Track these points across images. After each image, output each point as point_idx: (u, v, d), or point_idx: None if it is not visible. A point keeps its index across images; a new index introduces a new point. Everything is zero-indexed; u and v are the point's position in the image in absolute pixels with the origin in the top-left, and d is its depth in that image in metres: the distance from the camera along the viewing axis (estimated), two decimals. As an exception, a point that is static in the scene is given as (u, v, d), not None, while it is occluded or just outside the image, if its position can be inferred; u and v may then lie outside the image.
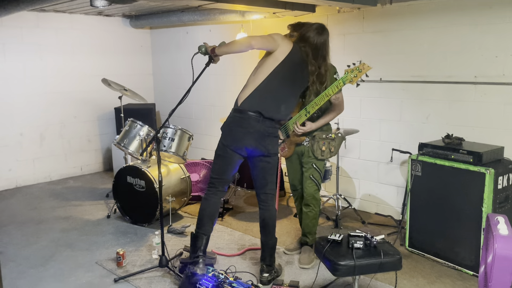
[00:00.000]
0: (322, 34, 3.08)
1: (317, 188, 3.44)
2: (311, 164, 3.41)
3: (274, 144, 3.08)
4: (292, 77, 3.05)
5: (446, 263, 3.42)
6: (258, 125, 2.98)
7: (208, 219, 3.14)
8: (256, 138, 2.99)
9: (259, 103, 2.99)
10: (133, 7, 5.34)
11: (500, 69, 3.62)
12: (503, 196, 3.24)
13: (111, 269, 3.40)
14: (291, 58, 3.00)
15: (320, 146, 3.36)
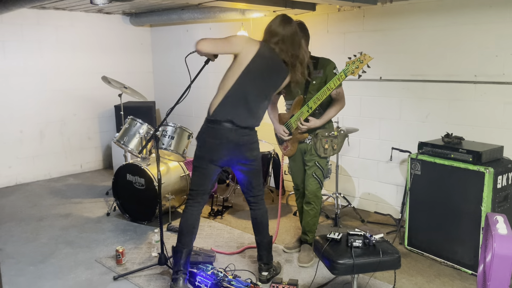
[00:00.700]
0: (288, 24, 2.91)
1: (319, 186, 3.44)
2: (314, 162, 3.41)
3: (253, 150, 2.97)
4: (264, 78, 2.89)
5: (445, 262, 3.43)
6: (232, 135, 2.85)
7: (188, 232, 2.99)
8: (230, 149, 2.88)
9: (231, 111, 2.85)
10: (133, 4, 5.33)
11: (500, 68, 3.62)
12: (502, 195, 3.24)
13: (111, 267, 3.41)
14: (260, 58, 2.83)
15: (323, 144, 3.36)
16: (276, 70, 2.92)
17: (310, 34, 4.58)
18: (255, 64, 2.82)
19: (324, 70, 3.34)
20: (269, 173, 4.73)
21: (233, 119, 2.84)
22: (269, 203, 4.91)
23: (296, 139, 3.47)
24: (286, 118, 3.50)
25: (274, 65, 2.90)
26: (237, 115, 2.85)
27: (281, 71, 2.93)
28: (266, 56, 2.86)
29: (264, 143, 4.87)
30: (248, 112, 2.88)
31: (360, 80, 4.46)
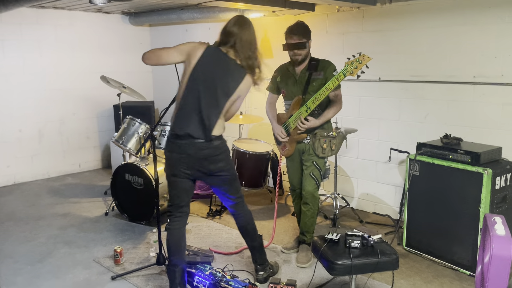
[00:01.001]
0: (244, 25, 2.78)
1: (316, 186, 3.43)
2: (312, 162, 3.41)
3: (217, 162, 2.80)
4: (212, 83, 2.72)
5: (443, 263, 3.43)
6: (190, 150, 2.73)
7: (176, 249, 2.87)
8: (191, 163, 2.76)
9: (185, 123, 2.73)
10: (132, 4, 5.33)
11: (499, 70, 3.62)
12: (501, 196, 3.25)
13: (109, 267, 3.41)
14: (204, 63, 2.71)
15: (321, 143, 3.36)
16: (228, 74, 2.74)
17: (309, 34, 4.55)
18: (200, 70, 2.70)
19: (324, 72, 3.35)
20: (267, 173, 4.73)
21: (189, 132, 2.72)
22: (267, 203, 4.91)
23: (294, 139, 3.47)
24: (285, 118, 3.50)
25: (224, 69, 2.74)
26: (191, 127, 2.72)
27: (235, 74, 2.75)
28: (213, 60, 2.73)
29: (263, 143, 4.87)
30: (201, 123, 2.72)
31: (359, 80, 4.44)
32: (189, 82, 2.72)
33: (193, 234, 4.03)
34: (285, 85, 3.50)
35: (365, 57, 3.06)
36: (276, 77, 3.57)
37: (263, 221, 4.37)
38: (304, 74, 3.40)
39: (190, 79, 2.72)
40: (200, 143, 2.73)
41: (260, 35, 2.99)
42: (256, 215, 4.53)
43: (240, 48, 2.73)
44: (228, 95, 2.76)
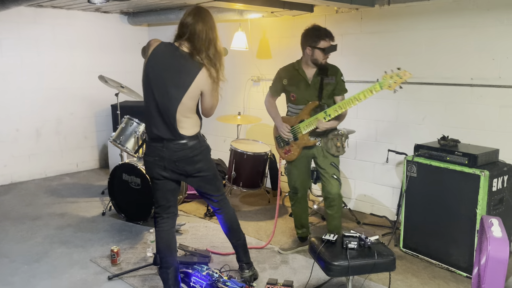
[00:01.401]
0: (198, 14, 2.61)
1: (340, 186, 3.43)
2: (330, 163, 3.40)
3: (195, 163, 2.74)
4: (165, 80, 2.59)
5: (440, 264, 3.43)
6: (164, 153, 2.67)
7: (166, 250, 2.83)
8: (166, 166, 2.71)
9: (153, 126, 2.66)
10: (131, 4, 5.32)
11: (497, 72, 3.63)
12: (498, 198, 3.25)
13: (105, 267, 3.40)
14: (153, 61, 2.61)
15: (335, 142, 3.37)
16: (179, 69, 2.59)
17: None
18: (149, 69, 2.62)
19: (335, 76, 3.35)
20: (265, 174, 4.73)
21: (159, 134, 2.65)
22: (265, 204, 4.91)
23: (301, 144, 3.42)
24: (292, 123, 3.45)
25: (174, 64, 2.59)
26: (159, 129, 2.65)
27: (188, 68, 2.59)
28: (163, 56, 2.61)
29: (261, 144, 4.87)
30: (165, 123, 2.63)
31: (357, 81, 4.47)
32: (145, 83, 2.65)
33: (190, 235, 4.03)
34: (296, 89, 3.41)
35: (407, 73, 2.99)
36: (282, 79, 3.48)
37: (261, 222, 4.37)
38: (317, 78, 3.35)
39: (144, 79, 2.65)
40: (174, 145, 2.66)
41: (257, 36, 2.96)
42: (254, 216, 4.53)
43: (193, 40, 2.57)
44: (183, 91, 2.58)
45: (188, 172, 2.76)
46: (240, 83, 5.62)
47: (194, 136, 2.72)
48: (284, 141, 3.53)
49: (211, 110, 2.80)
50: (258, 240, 3.94)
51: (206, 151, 2.84)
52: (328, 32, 3.30)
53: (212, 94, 2.68)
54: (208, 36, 2.59)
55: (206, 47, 2.58)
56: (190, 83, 2.58)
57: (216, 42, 2.63)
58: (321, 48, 3.26)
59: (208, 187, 2.89)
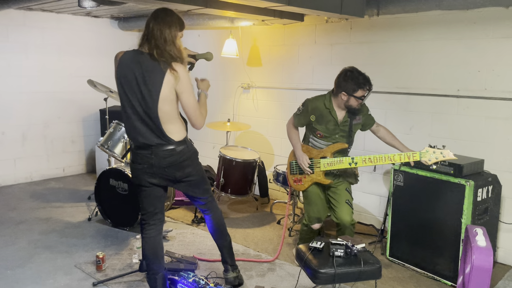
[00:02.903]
0: (157, 16, 2.62)
1: (352, 212, 3.36)
2: (345, 188, 3.34)
3: (184, 168, 2.72)
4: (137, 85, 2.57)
5: (425, 273, 3.46)
6: (152, 160, 2.65)
7: (153, 257, 2.80)
8: (155, 173, 2.69)
9: (137, 134, 2.65)
10: (121, 9, 5.32)
11: (482, 84, 3.70)
12: (482, 208, 3.30)
13: (90, 273, 3.36)
14: (123, 68, 2.61)
15: (354, 170, 3.41)
16: (146, 72, 2.55)
17: (298, 44, 4.64)
18: (121, 78, 2.61)
19: (362, 116, 3.34)
20: (254, 181, 4.73)
21: (146, 141, 2.63)
22: (253, 211, 4.91)
23: (315, 179, 3.35)
24: (313, 155, 3.36)
25: (141, 68, 2.55)
26: (146, 136, 2.63)
27: (154, 70, 2.54)
28: (130, 62, 2.59)
29: (250, 151, 4.88)
30: (152, 129, 2.62)
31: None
32: (120, 94, 2.65)
33: (177, 241, 4.00)
34: (324, 128, 3.30)
35: (451, 154, 2.95)
36: (310, 115, 3.33)
37: (248, 229, 4.36)
38: (346, 120, 3.29)
39: (119, 90, 2.64)
40: (162, 151, 2.63)
41: (249, 43, 2.96)
42: (241, 223, 4.52)
43: (151, 40, 2.57)
44: (157, 94, 2.54)
45: (177, 178, 2.74)
46: (230, 90, 5.63)
47: (182, 141, 2.70)
48: (299, 168, 3.42)
49: (195, 113, 2.67)
50: (245, 247, 3.92)
51: (194, 156, 2.83)
52: (366, 81, 3.22)
53: (186, 91, 2.60)
54: (163, 33, 2.55)
55: (163, 44, 2.54)
56: (160, 84, 2.53)
57: (174, 40, 2.58)
58: (357, 97, 3.19)
59: (196, 190, 2.88)
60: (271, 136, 5.31)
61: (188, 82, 2.60)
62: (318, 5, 3.65)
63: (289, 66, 5.02)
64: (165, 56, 2.54)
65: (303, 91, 4.86)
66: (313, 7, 3.63)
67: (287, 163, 3.57)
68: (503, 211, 3.64)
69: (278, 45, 5.09)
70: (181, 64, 2.58)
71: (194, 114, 2.68)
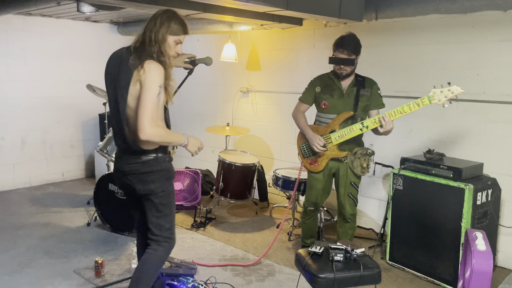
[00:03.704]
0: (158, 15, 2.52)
1: (355, 205, 3.43)
2: (350, 182, 3.37)
3: (145, 183, 2.42)
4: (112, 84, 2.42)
5: (425, 277, 3.45)
6: (119, 163, 2.49)
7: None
8: (121, 180, 2.50)
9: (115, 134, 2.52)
10: (121, 14, 5.33)
11: (481, 87, 3.70)
12: (482, 212, 3.29)
13: (89, 278, 3.35)
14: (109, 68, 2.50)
15: (361, 162, 3.28)
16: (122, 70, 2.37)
17: (297, 48, 4.66)
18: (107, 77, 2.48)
19: (371, 89, 3.33)
20: (253, 185, 4.72)
21: (117, 142, 2.49)
22: (252, 215, 4.90)
23: (330, 156, 3.34)
24: (321, 132, 3.35)
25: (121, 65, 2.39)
26: (118, 136, 2.46)
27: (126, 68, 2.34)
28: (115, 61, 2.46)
29: (249, 155, 4.87)
30: (119, 132, 2.43)
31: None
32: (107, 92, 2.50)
33: (177, 246, 3.95)
34: (329, 98, 3.33)
35: (458, 88, 2.94)
36: (315, 86, 3.42)
37: (248, 234, 4.35)
38: (352, 89, 3.31)
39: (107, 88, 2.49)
40: (128, 154, 2.43)
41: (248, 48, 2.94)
42: (241, 227, 4.51)
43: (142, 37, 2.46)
44: (125, 92, 2.33)
45: (135, 191, 2.45)
46: (229, 94, 5.63)
47: (151, 151, 2.40)
48: (311, 150, 3.41)
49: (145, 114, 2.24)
50: (245, 251, 3.91)
51: (164, 174, 2.46)
52: (343, 42, 3.21)
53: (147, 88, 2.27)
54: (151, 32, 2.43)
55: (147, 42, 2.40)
56: (129, 83, 2.31)
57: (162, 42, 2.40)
58: (331, 57, 3.26)
59: (154, 220, 2.47)
60: (270, 140, 5.31)
61: (152, 80, 2.28)
62: (316, 10, 3.66)
63: (288, 70, 5.02)
64: (143, 54, 2.35)
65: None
66: (312, 12, 3.64)
67: (298, 148, 3.55)
68: (503, 214, 3.63)
69: (277, 49, 5.09)
70: (155, 62, 2.33)
71: (144, 116, 2.24)
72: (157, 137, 2.29)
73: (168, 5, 3.50)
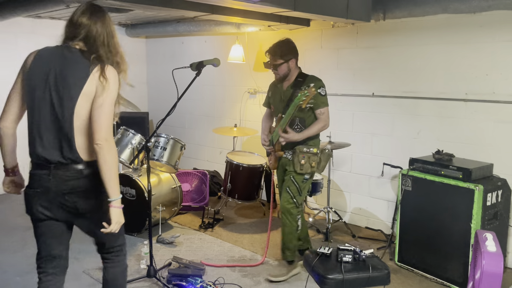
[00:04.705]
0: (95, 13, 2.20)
1: (292, 202, 3.35)
2: (290, 177, 3.38)
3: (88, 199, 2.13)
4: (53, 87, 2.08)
5: (434, 278, 3.43)
6: (50, 182, 2.10)
7: None
8: (51, 200, 2.12)
9: (38, 147, 2.14)
10: (129, 16, 5.36)
11: (491, 87, 3.67)
12: (492, 212, 3.26)
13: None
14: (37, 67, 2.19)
15: (300, 159, 3.29)
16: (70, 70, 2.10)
17: (304, 49, 4.66)
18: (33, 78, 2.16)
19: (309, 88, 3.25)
20: (261, 186, 4.72)
21: (45, 155, 2.10)
22: (260, 216, 4.90)
23: (278, 155, 3.49)
24: (271, 132, 3.58)
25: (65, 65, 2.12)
26: (46, 149, 2.10)
27: (77, 70, 2.08)
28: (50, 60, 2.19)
29: (257, 156, 4.88)
30: (57, 139, 2.09)
31: (352, 95, 4.51)
32: (27, 99, 2.16)
33: (185, 247, 4.00)
34: (274, 101, 3.55)
35: (312, 90, 3.05)
36: (268, 91, 3.64)
37: (256, 235, 4.35)
38: (289, 91, 3.39)
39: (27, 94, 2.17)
40: (63, 171, 2.08)
41: (255, 49, 2.97)
42: (249, 228, 4.51)
43: (93, 42, 2.14)
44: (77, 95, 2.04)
45: (78, 210, 2.13)
46: (237, 95, 5.64)
47: (92, 162, 2.10)
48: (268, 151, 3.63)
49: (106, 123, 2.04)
50: (253, 252, 3.92)
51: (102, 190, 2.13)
52: (271, 49, 3.36)
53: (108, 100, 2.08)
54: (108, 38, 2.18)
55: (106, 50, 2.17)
56: (80, 86, 2.04)
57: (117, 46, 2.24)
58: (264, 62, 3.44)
59: (100, 234, 2.18)
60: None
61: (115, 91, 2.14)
62: (324, 10, 3.65)
63: (296, 71, 5.01)
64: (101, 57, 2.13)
65: (309, 96, 4.86)
66: (319, 12, 3.64)
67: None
68: (513, 215, 3.60)
69: (285, 50, 5.09)
70: (114, 70, 2.16)
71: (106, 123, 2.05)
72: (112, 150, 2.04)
73: (175, 7, 3.52)
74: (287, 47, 3.34)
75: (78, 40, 2.17)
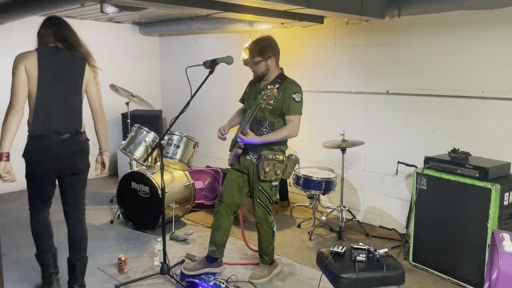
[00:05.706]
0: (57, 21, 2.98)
1: (266, 211, 3.29)
2: (257, 186, 3.23)
3: (85, 160, 3.08)
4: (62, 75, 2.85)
5: (450, 278, 3.38)
6: (59, 148, 2.90)
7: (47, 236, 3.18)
8: (60, 162, 2.91)
9: (48, 121, 2.85)
10: (143, 14, 5.39)
11: (508, 85, 3.61)
12: (509, 212, 3.21)
13: (113, 275, 3.40)
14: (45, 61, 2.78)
15: (264, 166, 3.12)
16: (71, 64, 2.90)
17: (318, 46, 4.62)
18: (45, 69, 2.77)
19: (284, 92, 3.15)
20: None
21: (55, 128, 2.84)
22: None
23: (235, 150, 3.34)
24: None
25: (65, 60, 2.87)
26: (56, 122, 2.84)
27: (77, 62, 2.91)
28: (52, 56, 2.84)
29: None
30: (65, 114, 2.88)
31: (366, 93, 4.47)
32: (39, 84, 2.75)
33: (198, 244, 4.02)
34: (248, 98, 3.40)
35: (274, 91, 2.97)
36: (246, 88, 3.51)
37: (268, 233, 4.34)
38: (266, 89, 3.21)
39: (40, 80, 2.75)
40: (67, 139, 2.89)
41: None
42: (261, 226, 4.51)
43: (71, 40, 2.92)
44: (81, 81, 2.91)
45: (77, 168, 3.00)
46: (250, 93, 5.63)
47: (83, 132, 3.08)
48: (233, 144, 3.43)
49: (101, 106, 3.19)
50: (265, 251, 3.91)
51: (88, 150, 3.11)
52: (250, 46, 3.25)
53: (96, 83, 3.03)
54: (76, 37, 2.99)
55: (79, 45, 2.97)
56: (82, 74, 2.90)
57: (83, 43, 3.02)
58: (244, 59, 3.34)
59: (77, 190, 3.08)
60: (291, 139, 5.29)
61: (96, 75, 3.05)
62: (338, 7, 3.62)
63: (309, 68, 5.00)
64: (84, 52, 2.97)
65: (323, 93, 4.83)
66: (333, 9, 3.60)
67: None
68: (531, 215, 3.54)
69: (298, 47, 5.07)
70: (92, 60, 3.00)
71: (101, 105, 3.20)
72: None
73: (189, 5, 3.52)
74: (267, 45, 3.18)
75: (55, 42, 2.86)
